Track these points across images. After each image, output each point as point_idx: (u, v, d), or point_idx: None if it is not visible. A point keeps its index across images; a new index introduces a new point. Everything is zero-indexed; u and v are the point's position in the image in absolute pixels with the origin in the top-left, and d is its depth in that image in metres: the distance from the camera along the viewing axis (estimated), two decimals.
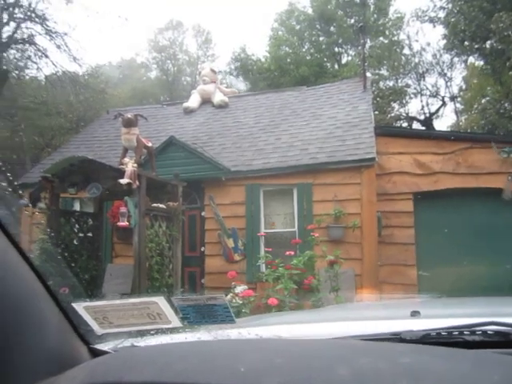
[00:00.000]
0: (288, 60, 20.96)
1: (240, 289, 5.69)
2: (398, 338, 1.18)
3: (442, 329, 1.20)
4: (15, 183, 8.79)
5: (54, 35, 13.47)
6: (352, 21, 21.98)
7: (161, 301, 1.08)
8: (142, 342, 1.22)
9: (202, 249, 8.11)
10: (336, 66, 22.28)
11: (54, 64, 14.02)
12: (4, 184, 1.39)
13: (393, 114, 19.40)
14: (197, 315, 1.11)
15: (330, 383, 0.55)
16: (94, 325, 1.13)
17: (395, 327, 1.28)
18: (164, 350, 0.76)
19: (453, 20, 15.35)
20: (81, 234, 7.02)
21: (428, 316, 1.56)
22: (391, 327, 1.29)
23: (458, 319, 1.32)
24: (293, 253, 6.31)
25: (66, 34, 13.54)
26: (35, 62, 14.22)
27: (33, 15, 13.42)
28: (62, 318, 1.08)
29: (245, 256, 7.73)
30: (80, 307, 1.10)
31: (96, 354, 1.13)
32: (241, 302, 5.35)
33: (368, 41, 20.35)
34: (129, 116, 6.53)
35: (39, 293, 1.02)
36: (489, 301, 2.18)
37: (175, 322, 1.12)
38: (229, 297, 5.61)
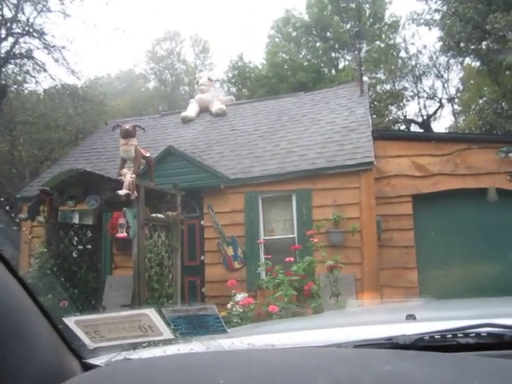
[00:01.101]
0: (285, 66, 21.07)
1: (240, 297, 5.68)
2: (391, 342, 1.18)
3: (436, 332, 1.19)
4: (14, 197, 8.81)
5: (52, 49, 13.52)
6: (348, 26, 22.13)
7: (152, 313, 1.07)
8: (135, 355, 1.22)
9: (202, 258, 8.10)
10: (333, 71, 22.39)
11: (52, 78, 14.08)
12: None
13: (391, 117, 19.46)
14: (188, 326, 1.11)
15: None
16: (85, 339, 1.12)
17: (389, 332, 1.27)
18: (151, 363, 0.76)
19: (448, 22, 15.45)
20: (80, 247, 7.01)
21: (423, 319, 1.55)
22: (385, 332, 1.28)
23: (452, 322, 1.32)
24: (292, 259, 6.29)
25: (63, 47, 13.58)
26: (34, 76, 14.28)
27: (31, 30, 13.49)
28: (53, 333, 1.07)
29: (245, 264, 7.72)
30: (71, 322, 1.10)
31: (88, 368, 1.13)
32: (241, 310, 5.33)
33: (364, 45, 20.46)
34: (127, 127, 6.54)
35: (30, 309, 1.02)
36: (486, 302, 2.17)
37: (167, 333, 1.11)
38: (229, 305, 5.60)
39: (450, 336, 1.16)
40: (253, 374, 0.61)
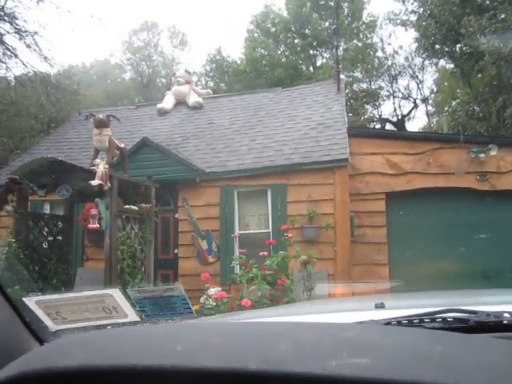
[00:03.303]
0: (263, 62, 21.07)
1: (213, 291, 5.66)
2: None
3: (403, 317, 1.20)
4: None
5: (23, 34, 13.11)
6: (326, 24, 22.25)
7: (116, 293, 1.04)
8: None
9: (176, 251, 8.03)
10: (311, 69, 22.50)
11: (24, 64, 13.64)
12: None
13: (366, 116, 19.70)
14: (154, 308, 1.08)
15: (268, 358, 0.54)
16: (46, 320, 1.08)
17: (358, 318, 1.28)
18: (103, 335, 0.73)
19: (424, 24, 15.68)
20: (50, 238, 6.85)
21: (392, 307, 1.57)
22: (355, 318, 1.29)
23: (419, 309, 1.34)
24: (266, 253, 6.31)
25: (36, 33, 13.18)
26: (4, 62, 13.80)
27: (1, 13, 13.06)
28: (13, 314, 1.03)
29: (219, 258, 7.69)
30: (31, 302, 1.06)
31: None
32: (214, 304, 5.31)
33: (342, 43, 20.60)
34: (100, 117, 6.43)
35: None
36: (454, 293, 2.22)
37: (132, 315, 1.08)
38: (202, 299, 5.57)
39: (417, 321, 1.18)
40: (212, 341, 0.60)
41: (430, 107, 22.06)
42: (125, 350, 0.60)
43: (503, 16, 12.01)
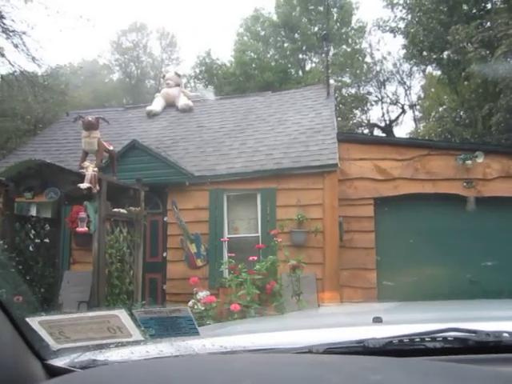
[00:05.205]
0: (253, 65, 21.10)
1: (202, 295, 5.63)
2: (361, 345, 1.20)
3: (404, 336, 1.21)
4: None
5: (11, 34, 12.93)
6: (316, 28, 22.38)
7: (122, 314, 1.04)
8: (101, 356, 1.17)
9: (164, 254, 7.98)
10: (300, 73, 22.59)
11: (11, 63, 13.43)
12: None
13: (355, 121, 19.84)
14: (160, 328, 1.08)
15: None
16: (49, 340, 1.07)
17: (358, 335, 1.29)
18: (125, 371, 0.72)
19: (412, 31, 15.88)
20: (37, 240, 6.75)
21: (390, 322, 1.58)
22: (354, 335, 1.30)
23: (419, 325, 1.35)
24: (256, 258, 6.30)
25: (24, 32, 12.98)
26: None
27: None
28: (15, 334, 1.02)
29: (207, 261, 7.67)
30: (35, 322, 1.05)
31: (50, 370, 1.08)
32: (203, 308, 5.28)
33: (331, 48, 20.73)
34: (89, 119, 6.37)
35: None
36: (447, 305, 2.24)
37: (136, 335, 1.08)
38: (191, 303, 5.54)
39: (418, 340, 1.19)
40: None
41: (417, 113, 22.33)
42: None
43: (489, 25, 12.22)
